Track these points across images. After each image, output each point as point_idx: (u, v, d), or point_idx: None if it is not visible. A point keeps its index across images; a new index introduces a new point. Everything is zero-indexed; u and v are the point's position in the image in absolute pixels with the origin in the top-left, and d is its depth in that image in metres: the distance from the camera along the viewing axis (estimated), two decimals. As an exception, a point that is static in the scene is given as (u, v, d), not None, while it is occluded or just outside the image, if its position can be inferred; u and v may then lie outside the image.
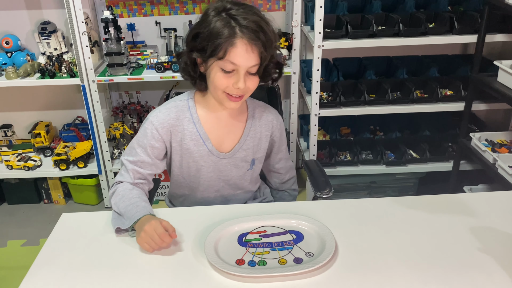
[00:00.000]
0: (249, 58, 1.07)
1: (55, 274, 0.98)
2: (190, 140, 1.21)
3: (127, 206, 1.12)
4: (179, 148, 1.23)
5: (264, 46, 1.07)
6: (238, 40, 1.05)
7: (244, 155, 1.27)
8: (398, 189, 2.54)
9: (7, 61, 2.35)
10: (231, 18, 1.06)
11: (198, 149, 1.22)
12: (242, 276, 0.94)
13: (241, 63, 1.07)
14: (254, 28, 1.05)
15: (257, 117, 1.28)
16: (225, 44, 1.05)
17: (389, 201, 1.23)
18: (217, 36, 1.05)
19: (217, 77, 1.10)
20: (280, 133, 1.35)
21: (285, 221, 1.12)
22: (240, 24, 1.05)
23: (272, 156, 1.39)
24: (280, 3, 2.48)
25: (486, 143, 2.15)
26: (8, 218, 2.55)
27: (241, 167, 1.29)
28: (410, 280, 0.94)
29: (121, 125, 2.51)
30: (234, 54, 1.05)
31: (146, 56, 2.40)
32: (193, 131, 1.21)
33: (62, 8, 2.22)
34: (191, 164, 1.25)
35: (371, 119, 2.58)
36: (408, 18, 2.18)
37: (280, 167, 1.42)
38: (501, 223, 1.12)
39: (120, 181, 1.21)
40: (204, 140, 1.22)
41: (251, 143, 1.27)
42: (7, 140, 2.61)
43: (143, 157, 1.20)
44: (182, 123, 1.20)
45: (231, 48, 1.05)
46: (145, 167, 1.21)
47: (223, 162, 1.26)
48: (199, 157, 1.23)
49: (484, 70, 2.18)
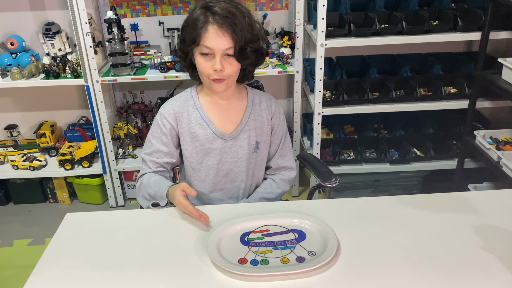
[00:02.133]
0: (221, 41, 1.17)
1: (59, 274, 0.99)
2: (195, 124, 1.31)
3: (155, 188, 1.25)
4: (187, 133, 1.32)
5: (234, 29, 1.16)
6: (209, 25, 1.16)
7: (248, 135, 1.34)
8: (402, 187, 2.54)
9: (12, 62, 2.37)
10: (207, 9, 1.18)
11: (203, 131, 1.31)
12: (244, 275, 0.95)
13: (214, 46, 1.17)
14: (224, 14, 1.16)
15: (256, 103, 1.36)
16: (199, 31, 1.17)
17: (391, 199, 1.23)
18: (194, 25, 1.18)
19: (198, 62, 1.22)
20: (279, 121, 1.39)
21: (287, 220, 1.12)
22: (212, 12, 1.17)
23: (271, 148, 1.41)
24: (283, 2, 2.48)
25: (491, 141, 2.14)
26: (14, 218, 2.58)
27: (246, 149, 1.34)
28: (413, 279, 0.94)
29: (125, 125, 2.52)
30: (206, 38, 1.17)
31: (149, 56, 2.41)
32: (197, 116, 1.31)
33: (66, 9, 2.24)
34: (199, 149, 1.33)
35: (375, 117, 2.58)
36: (412, 16, 2.18)
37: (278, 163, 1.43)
38: (505, 222, 1.12)
39: (142, 174, 1.34)
40: (208, 123, 1.31)
41: (253, 125, 1.34)
42: (12, 140, 2.63)
43: (157, 146, 1.32)
44: (187, 109, 1.31)
45: (204, 34, 1.17)
46: (160, 157, 1.32)
47: (229, 144, 1.33)
48: (205, 140, 1.31)
49: (489, 68, 2.17)
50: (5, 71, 2.34)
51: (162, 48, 2.54)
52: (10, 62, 2.37)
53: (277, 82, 2.64)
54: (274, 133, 1.40)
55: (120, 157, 2.55)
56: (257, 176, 1.42)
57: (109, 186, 2.55)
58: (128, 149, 2.57)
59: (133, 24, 2.45)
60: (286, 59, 2.33)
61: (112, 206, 2.61)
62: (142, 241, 1.09)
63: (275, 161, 1.43)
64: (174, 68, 2.28)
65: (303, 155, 1.62)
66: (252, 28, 1.21)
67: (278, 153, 1.42)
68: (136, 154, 2.58)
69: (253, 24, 1.21)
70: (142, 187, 1.31)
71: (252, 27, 1.21)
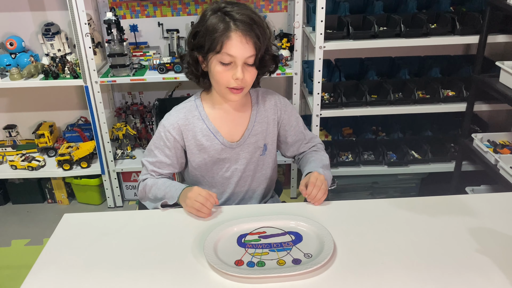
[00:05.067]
0: (244, 49, 1.13)
1: (56, 274, 1.00)
2: (202, 136, 1.28)
3: (165, 189, 1.24)
4: (194, 145, 1.29)
5: (258, 37, 1.13)
6: (232, 33, 1.12)
7: (255, 140, 1.32)
8: (400, 189, 2.54)
9: (11, 62, 2.37)
10: (226, 15, 1.13)
11: (211, 143, 1.29)
12: (240, 276, 0.95)
13: (237, 54, 1.13)
14: (247, 21, 1.12)
15: (261, 103, 1.34)
16: (221, 38, 1.12)
17: (388, 202, 1.23)
18: (214, 32, 1.12)
19: (217, 71, 1.17)
20: (289, 114, 1.36)
21: (284, 222, 1.13)
22: (234, 19, 1.12)
23: (288, 140, 1.39)
24: (282, 4, 2.49)
25: (488, 144, 2.15)
26: (12, 218, 2.58)
27: (253, 153, 1.33)
28: (409, 282, 0.94)
29: (124, 126, 2.52)
30: (230, 46, 1.12)
31: (148, 57, 2.42)
32: (203, 127, 1.28)
33: (65, 9, 2.24)
34: (208, 160, 1.31)
35: (373, 119, 2.58)
36: (410, 19, 2.18)
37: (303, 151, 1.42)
38: (502, 225, 1.12)
39: (145, 178, 1.32)
40: (215, 134, 1.28)
41: (259, 128, 1.32)
42: (11, 140, 2.63)
43: (160, 158, 1.29)
44: (192, 122, 1.28)
45: (227, 41, 1.12)
46: (163, 168, 1.31)
47: (237, 150, 1.31)
48: (213, 151, 1.29)
49: (487, 71, 2.17)
50: (4, 71, 2.34)
51: (161, 49, 2.55)
52: (9, 62, 2.37)
53: (275, 84, 2.64)
54: (289, 124, 1.36)
55: (118, 157, 2.55)
56: (267, 177, 1.40)
57: (108, 186, 2.55)
58: (126, 150, 2.57)
59: (133, 25, 2.45)
60: (284, 61, 2.33)
61: (110, 206, 2.62)
62: (139, 242, 1.09)
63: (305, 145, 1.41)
64: (173, 69, 2.28)
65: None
66: (270, 34, 1.19)
67: (303, 139, 1.40)
68: (134, 155, 2.58)
69: (270, 31, 1.20)
70: (147, 189, 1.28)
71: (270, 33, 1.19)
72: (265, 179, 1.40)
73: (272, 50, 1.22)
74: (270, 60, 1.22)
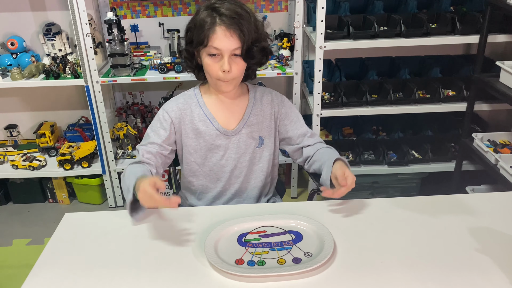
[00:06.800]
0: (229, 41, 1.18)
1: (57, 274, 1.00)
2: (198, 121, 1.33)
3: (128, 184, 1.16)
4: (191, 129, 1.34)
5: (242, 30, 1.18)
6: (217, 27, 1.18)
7: (250, 131, 1.36)
8: (401, 189, 2.54)
9: (13, 62, 2.38)
10: (213, 10, 1.20)
11: (206, 128, 1.33)
12: (241, 275, 0.95)
13: (222, 46, 1.19)
14: (232, 15, 1.18)
15: (258, 99, 1.38)
16: (207, 32, 1.18)
17: (388, 201, 1.24)
18: (202, 27, 1.20)
19: (206, 63, 1.23)
20: (287, 109, 1.40)
21: (284, 221, 1.13)
22: (220, 13, 1.18)
23: (290, 134, 1.40)
24: (283, 4, 2.49)
25: (488, 144, 2.15)
26: (13, 217, 2.58)
27: (249, 144, 1.36)
28: (409, 281, 0.95)
29: (125, 126, 2.53)
30: (215, 39, 1.18)
31: (149, 57, 2.42)
32: (200, 113, 1.33)
33: (66, 9, 2.24)
34: (203, 145, 1.35)
35: (373, 119, 2.58)
36: (410, 19, 2.19)
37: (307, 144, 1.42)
38: (502, 224, 1.12)
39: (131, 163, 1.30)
40: (211, 120, 1.33)
41: (255, 120, 1.36)
42: (12, 140, 2.63)
43: (153, 138, 1.33)
44: (190, 107, 1.34)
45: (212, 34, 1.18)
46: (154, 148, 1.32)
47: (232, 140, 1.35)
48: (209, 137, 1.34)
49: (487, 71, 2.18)
50: (5, 71, 2.35)
51: (162, 49, 2.55)
52: (10, 62, 2.38)
53: (276, 83, 2.64)
54: (287, 118, 1.39)
55: (119, 157, 2.55)
56: (263, 170, 1.40)
57: (108, 186, 2.55)
58: (127, 150, 2.58)
59: (133, 25, 2.46)
60: (285, 61, 2.34)
61: (111, 206, 2.62)
62: (140, 241, 1.10)
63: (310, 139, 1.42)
64: (174, 69, 2.29)
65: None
66: (257, 27, 1.23)
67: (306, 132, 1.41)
68: (135, 154, 2.58)
69: (258, 24, 1.24)
70: (122, 177, 1.24)
71: (257, 26, 1.23)
72: (262, 172, 1.40)
73: (262, 43, 1.25)
74: (258, 51, 1.24)
